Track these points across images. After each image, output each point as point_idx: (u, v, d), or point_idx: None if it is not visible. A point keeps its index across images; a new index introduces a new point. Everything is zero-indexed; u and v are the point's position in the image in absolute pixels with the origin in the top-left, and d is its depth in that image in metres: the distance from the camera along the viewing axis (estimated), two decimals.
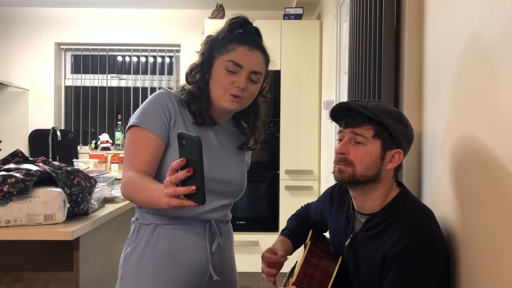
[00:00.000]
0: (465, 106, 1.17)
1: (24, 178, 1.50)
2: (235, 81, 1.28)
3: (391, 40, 1.62)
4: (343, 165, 1.20)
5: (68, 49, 4.54)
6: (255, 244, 3.70)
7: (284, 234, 1.49)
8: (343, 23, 3.00)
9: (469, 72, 1.15)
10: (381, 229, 1.18)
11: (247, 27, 1.33)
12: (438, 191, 1.35)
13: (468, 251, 1.13)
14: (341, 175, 1.21)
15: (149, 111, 1.29)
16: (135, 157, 1.26)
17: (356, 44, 2.01)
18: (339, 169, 1.21)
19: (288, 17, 3.88)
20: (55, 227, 1.53)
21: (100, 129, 4.52)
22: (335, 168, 1.23)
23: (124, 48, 4.50)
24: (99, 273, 1.86)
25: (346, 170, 1.19)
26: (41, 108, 4.37)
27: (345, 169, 1.20)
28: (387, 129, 1.17)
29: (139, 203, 1.24)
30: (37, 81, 4.37)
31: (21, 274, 1.61)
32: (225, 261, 1.43)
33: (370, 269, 1.19)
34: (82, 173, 1.71)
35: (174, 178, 0.98)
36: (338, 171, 1.21)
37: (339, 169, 1.21)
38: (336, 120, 1.28)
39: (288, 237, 1.47)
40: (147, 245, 1.31)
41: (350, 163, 1.19)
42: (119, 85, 4.55)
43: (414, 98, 1.54)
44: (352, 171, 1.19)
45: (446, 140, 1.29)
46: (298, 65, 3.78)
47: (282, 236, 1.48)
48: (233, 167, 1.39)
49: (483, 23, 1.07)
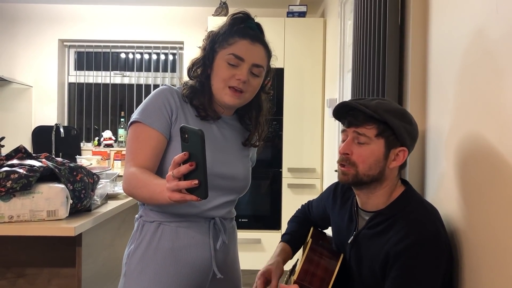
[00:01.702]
0: (469, 104, 1.16)
1: (27, 174, 1.50)
2: (237, 74, 1.27)
3: (395, 38, 1.61)
4: (346, 166, 1.19)
5: (71, 46, 4.54)
6: (257, 241, 3.70)
7: (284, 240, 1.51)
8: (347, 21, 2.99)
9: (473, 69, 1.14)
10: (385, 227, 1.18)
11: (249, 22, 1.32)
12: (442, 189, 1.34)
13: (472, 249, 1.13)
14: (344, 177, 1.21)
15: (151, 107, 1.29)
16: (137, 153, 1.26)
17: (360, 42, 2.01)
18: (343, 171, 1.21)
19: (292, 14, 3.86)
20: (57, 223, 1.54)
21: (103, 126, 4.53)
22: (339, 170, 1.22)
23: (127, 45, 4.50)
24: (102, 269, 1.86)
25: (349, 172, 1.19)
26: (44, 105, 4.38)
27: (348, 171, 1.19)
28: (390, 127, 1.17)
29: (141, 198, 1.24)
30: (40, 77, 4.37)
31: (23, 270, 1.61)
32: (229, 259, 1.42)
33: (372, 266, 1.19)
34: (85, 170, 1.71)
35: (177, 172, 0.97)
36: (342, 173, 1.21)
37: (343, 172, 1.21)
38: (339, 119, 1.27)
39: (288, 242, 1.50)
40: (150, 242, 1.31)
41: (352, 164, 1.18)
42: (122, 82, 4.55)
43: (418, 96, 1.53)
44: (355, 172, 1.18)
45: (450, 138, 1.29)
46: (301, 63, 3.77)
47: (282, 243, 1.50)
48: (237, 162, 1.38)
49: (488, 20, 1.07)
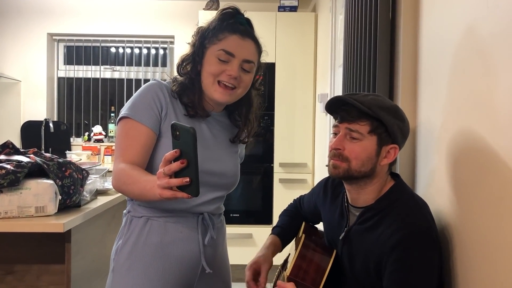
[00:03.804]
0: (460, 99, 1.16)
1: (15, 170, 1.49)
2: (227, 70, 1.26)
3: (386, 33, 1.61)
4: (338, 160, 1.19)
5: (60, 40, 4.48)
6: (248, 236, 3.70)
7: (274, 232, 1.51)
8: (338, 15, 2.98)
9: (464, 64, 1.14)
10: (376, 221, 1.18)
11: (239, 17, 1.31)
12: (433, 185, 1.35)
13: (463, 244, 1.13)
14: (335, 171, 1.20)
15: (140, 103, 1.28)
16: (126, 149, 1.25)
17: (351, 37, 2.00)
18: (334, 164, 1.20)
19: (283, 9, 3.85)
20: (46, 219, 1.52)
21: (93, 121, 4.49)
22: (330, 163, 1.21)
23: (117, 39, 4.46)
24: (91, 265, 1.85)
25: (341, 165, 1.18)
26: (33, 100, 4.32)
27: (340, 164, 1.19)
28: (383, 124, 1.16)
29: (131, 195, 1.23)
30: (29, 72, 4.31)
31: (12, 267, 1.60)
32: (217, 254, 1.42)
33: (365, 262, 1.19)
34: (74, 165, 1.69)
35: (168, 170, 0.96)
36: (333, 167, 1.20)
37: (334, 165, 1.20)
38: (331, 113, 1.27)
39: (278, 235, 1.50)
40: (139, 237, 1.30)
41: (345, 159, 1.18)
42: (112, 77, 4.51)
43: (409, 91, 1.53)
44: (347, 166, 1.18)
45: (441, 134, 1.29)
46: (292, 57, 3.76)
47: (273, 236, 1.50)
48: (226, 159, 1.38)
49: (479, 15, 1.07)
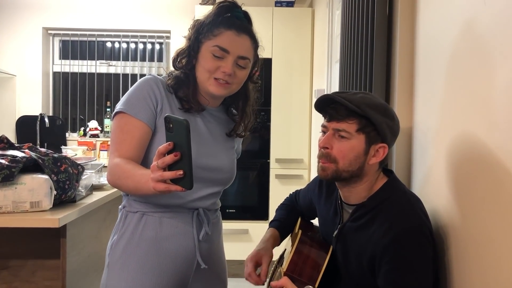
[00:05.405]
0: (457, 97, 1.16)
1: (9, 165, 1.48)
2: (222, 66, 1.26)
3: (383, 29, 1.61)
4: (326, 162, 1.18)
5: (56, 34, 4.45)
6: (245, 232, 3.70)
7: (273, 225, 1.52)
8: (335, 11, 2.98)
9: (461, 62, 1.14)
10: (368, 219, 1.18)
11: (236, 11, 1.30)
12: (429, 183, 1.35)
13: (459, 242, 1.13)
14: (324, 173, 1.20)
15: (135, 97, 1.27)
16: (121, 144, 1.24)
17: (348, 33, 2.00)
18: (322, 166, 1.20)
19: (280, 4, 3.84)
20: (41, 214, 1.51)
21: (88, 116, 4.47)
22: (318, 165, 1.22)
23: (113, 34, 4.43)
24: (87, 260, 1.85)
25: (329, 167, 1.18)
26: (28, 94, 4.29)
27: (328, 167, 1.18)
28: (372, 123, 1.15)
29: (126, 189, 1.22)
30: (24, 66, 4.28)
31: (7, 262, 1.59)
32: (213, 249, 1.42)
33: (359, 260, 1.19)
34: (69, 160, 1.68)
35: (161, 163, 0.96)
36: (321, 169, 1.20)
37: (322, 167, 1.20)
38: (320, 111, 1.26)
39: (277, 228, 1.50)
40: (134, 232, 1.30)
41: (333, 160, 1.17)
42: (108, 72, 4.49)
43: (406, 87, 1.53)
44: (335, 167, 1.17)
45: (437, 132, 1.29)
46: (289, 53, 3.75)
47: (272, 229, 1.50)
48: (222, 154, 1.38)
49: (476, 12, 1.06)
